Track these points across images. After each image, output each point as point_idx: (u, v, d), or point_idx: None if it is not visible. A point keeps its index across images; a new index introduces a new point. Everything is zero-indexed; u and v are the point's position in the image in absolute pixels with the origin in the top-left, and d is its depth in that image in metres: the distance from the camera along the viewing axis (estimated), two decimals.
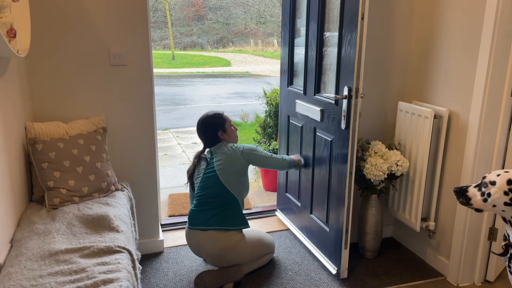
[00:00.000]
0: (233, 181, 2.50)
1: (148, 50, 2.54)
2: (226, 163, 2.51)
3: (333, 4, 2.46)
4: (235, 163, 2.52)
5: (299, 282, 2.53)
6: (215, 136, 2.60)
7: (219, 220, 2.45)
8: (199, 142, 6.26)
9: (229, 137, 2.64)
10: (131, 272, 1.70)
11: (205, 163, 2.59)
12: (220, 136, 2.61)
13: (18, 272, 1.58)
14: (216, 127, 2.61)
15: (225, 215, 2.46)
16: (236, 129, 2.72)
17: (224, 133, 2.62)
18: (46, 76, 2.42)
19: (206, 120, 2.62)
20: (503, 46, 2.19)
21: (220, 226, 2.43)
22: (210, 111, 2.69)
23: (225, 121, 2.64)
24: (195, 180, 2.62)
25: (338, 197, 2.49)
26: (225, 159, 2.51)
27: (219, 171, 2.49)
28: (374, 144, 2.68)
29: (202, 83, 12.72)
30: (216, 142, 2.61)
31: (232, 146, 2.57)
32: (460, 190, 1.68)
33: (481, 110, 2.27)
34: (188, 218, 2.54)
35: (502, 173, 1.57)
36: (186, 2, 21.84)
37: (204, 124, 2.62)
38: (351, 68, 2.27)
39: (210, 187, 2.49)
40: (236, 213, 2.51)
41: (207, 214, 2.46)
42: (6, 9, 1.71)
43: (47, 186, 2.14)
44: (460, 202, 1.68)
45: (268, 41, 22.01)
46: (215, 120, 2.62)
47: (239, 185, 2.54)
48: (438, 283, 2.55)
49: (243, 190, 2.59)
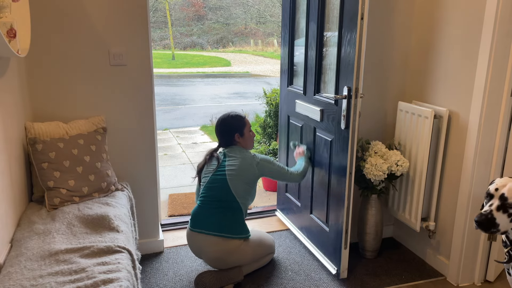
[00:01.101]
0: (241, 189, 2.46)
1: (148, 50, 2.54)
2: (238, 170, 2.46)
3: (332, 5, 2.46)
4: (248, 173, 2.48)
5: (299, 282, 2.53)
6: (231, 137, 2.56)
7: (221, 226, 2.41)
8: (199, 142, 6.26)
9: (245, 142, 2.59)
10: (131, 272, 1.70)
11: (216, 163, 2.54)
12: (236, 139, 2.56)
13: (18, 272, 1.58)
14: (234, 129, 2.56)
15: (227, 222, 2.43)
16: (254, 135, 2.66)
17: (241, 137, 2.57)
18: (46, 76, 2.42)
19: (226, 119, 2.59)
20: (503, 46, 2.19)
21: (222, 233, 2.40)
22: (232, 111, 2.64)
23: (244, 125, 2.59)
24: (203, 178, 2.58)
25: (338, 197, 2.49)
26: (239, 166, 2.46)
27: (229, 176, 2.45)
28: (374, 144, 2.68)
29: (202, 83, 12.72)
30: (230, 143, 2.57)
31: (248, 154, 2.52)
32: (487, 219, 1.42)
33: (481, 110, 2.27)
34: (191, 218, 2.52)
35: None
36: (186, 2, 21.84)
37: (223, 123, 2.58)
38: (350, 68, 2.27)
39: (217, 189, 2.46)
40: (239, 221, 2.47)
41: (209, 217, 2.44)
42: (6, 9, 1.71)
43: (47, 186, 2.14)
44: (490, 232, 1.44)
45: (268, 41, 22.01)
46: (235, 121, 2.58)
47: (246, 194, 2.50)
48: (438, 283, 2.55)
49: (249, 199, 2.55)
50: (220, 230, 2.40)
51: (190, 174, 4.73)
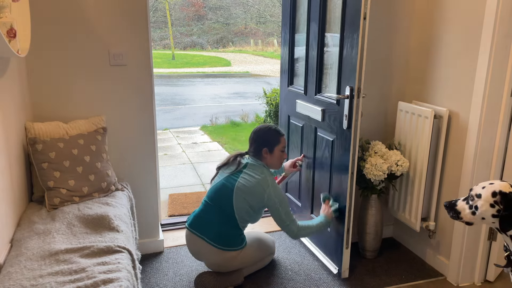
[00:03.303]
0: (243, 208, 2.37)
1: (148, 50, 2.54)
2: (247, 190, 2.35)
3: (334, 4, 2.46)
4: (255, 198, 2.36)
5: (299, 282, 2.53)
6: (259, 149, 2.46)
7: (218, 237, 2.36)
8: (199, 142, 6.26)
9: (271, 160, 2.47)
10: (131, 272, 1.70)
11: (234, 168, 2.45)
12: (264, 153, 2.46)
13: (18, 272, 1.58)
14: (265, 143, 2.45)
15: (223, 234, 2.37)
16: (286, 157, 2.53)
17: (269, 153, 2.46)
18: (46, 76, 2.42)
19: (261, 130, 2.51)
20: (503, 46, 2.19)
21: (218, 245, 2.36)
22: (274, 125, 2.55)
23: (277, 143, 2.47)
24: (218, 175, 2.53)
25: (339, 197, 2.49)
26: (249, 188, 2.35)
27: (236, 190, 2.36)
28: (374, 144, 2.68)
29: (202, 83, 12.72)
30: (257, 156, 2.47)
31: (265, 181, 2.36)
32: (450, 204, 1.68)
33: (481, 110, 2.27)
34: (191, 216, 2.50)
35: (487, 185, 1.57)
36: (186, 2, 21.84)
37: (257, 133, 2.50)
38: (353, 68, 2.27)
39: (222, 197, 2.40)
40: (235, 234, 2.41)
41: (209, 223, 2.41)
42: (6, 9, 1.71)
43: (47, 186, 2.14)
44: (451, 216, 1.68)
45: (268, 41, 22.01)
46: (269, 135, 2.48)
47: (247, 215, 2.40)
48: (438, 283, 2.55)
49: (248, 221, 2.45)
50: (217, 241, 2.36)
51: (190, 174, 4.74)
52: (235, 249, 2.40)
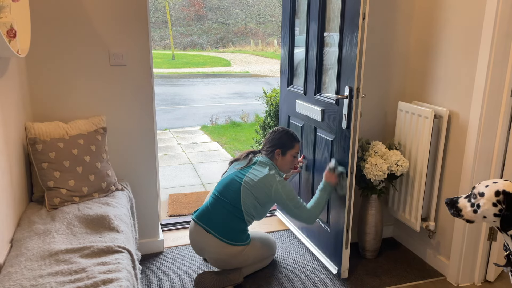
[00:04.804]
0: (250, 203, 2.41)
1: (148, 50, 2.54)
2: (254, 184, 2.39)
3: (333, 4, 2.46)
4: (261, 192, 2.40)
5: (299, 282, 2.53)
6: (272, 149, 2.53)
7: (224, 231, 2.39)
8: (199, 142, 6.26)
9: (282, 163, 2.54)
10: (131, 272, 1.70)
11: (244, 163, 2.53)
12: (276, 154, 2.52)
13: (18, 272, 1.58)
14: (279, 144, 2.52)
15: (230, 229, 2.40)
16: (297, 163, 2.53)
17: (281, 155, 2.53)
18: (46, 76, 2.42)
19: (277, 131, 2.57)
20: (503, 46, 2.19)
21: (224, 238, 2.38)
22: (291, 129, 2.62)
23: (291, 147, 2.53)
24: (229, 169, 2.59)
25: (339, 197, 2.49)
26: (256, 182, 2.39)
27: (244, 184, 2.40)
28: (374, 144, 2.68)
29: (202, 83, 12.72)
30: (268, 154, 2.54)
31: (273, 176, 2.40)
32: (451, 201, 1.68)
33: (481, 110, 2.27)
34: (199, 208, 2.52)
35: (490, 184, 1.56)
36: (186, 2, 21.84)
37: (273, 134, 2.58)
38: (352, 68, 2.27)
39: (231, 191, 2.42)
40: (241, 230, 2.44)
41: (217, 216, 2.42)
42: (6, 9, 1.71)
43: (47, 186, 2.14)
44: (452, 213, 1.67)
45: (268, 41, 22.01)
46: (284, 138, 2.54)
47: (254, 210, 2.43)
48: (438, 283, 2.55)
49: (255, 216, 2.47)
50: (223, 234, 2.38)
51: (190, 174, 4.74)
52: (240, 245, 2.42)
